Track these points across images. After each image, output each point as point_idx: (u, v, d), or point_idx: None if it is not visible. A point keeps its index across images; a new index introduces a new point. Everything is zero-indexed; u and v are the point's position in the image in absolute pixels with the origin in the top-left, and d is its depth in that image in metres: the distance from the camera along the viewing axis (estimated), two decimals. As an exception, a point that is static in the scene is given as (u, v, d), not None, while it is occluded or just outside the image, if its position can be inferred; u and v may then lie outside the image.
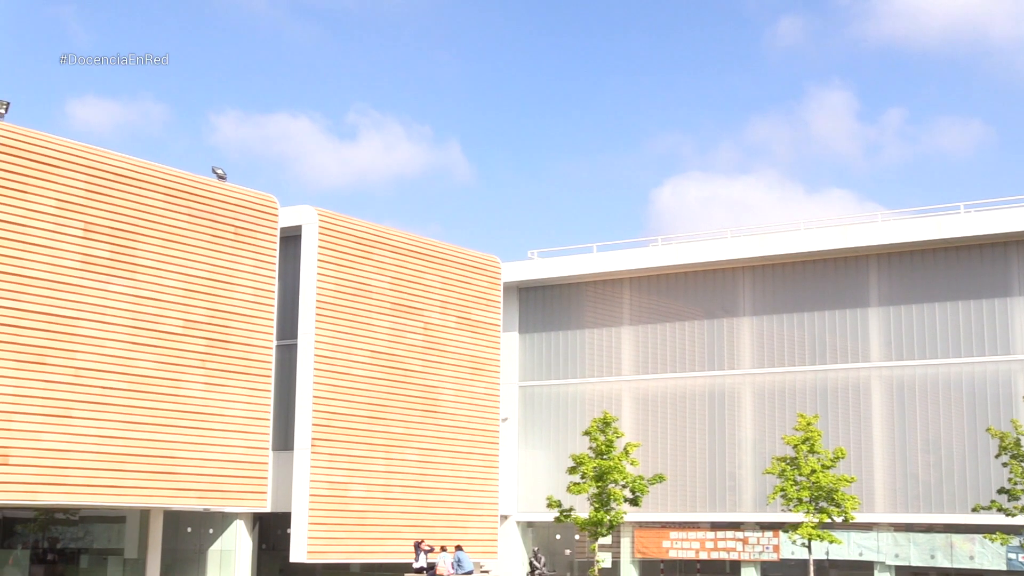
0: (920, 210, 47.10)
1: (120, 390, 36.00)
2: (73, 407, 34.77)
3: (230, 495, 39.03)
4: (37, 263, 34.22)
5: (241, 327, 39.69)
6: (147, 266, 37.09)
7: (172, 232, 37.91)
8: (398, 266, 45.05)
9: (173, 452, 37.25)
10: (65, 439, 34.45)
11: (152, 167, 37.77)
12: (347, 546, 41.91)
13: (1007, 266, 44.22)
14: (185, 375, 37.84)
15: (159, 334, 37.23)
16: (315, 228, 42.19)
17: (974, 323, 44.49)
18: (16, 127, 34.27)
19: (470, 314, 47.79)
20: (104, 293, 35.85)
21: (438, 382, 46.05)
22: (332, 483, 41.52)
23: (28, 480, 33.58)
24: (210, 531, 42.11)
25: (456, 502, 46.06)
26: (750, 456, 47.79)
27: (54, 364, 34.40)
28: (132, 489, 36.18)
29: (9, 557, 39.25)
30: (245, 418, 39.52)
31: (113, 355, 35.91)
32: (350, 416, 42.48)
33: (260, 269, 40.54)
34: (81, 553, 41.27)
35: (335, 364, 42.16)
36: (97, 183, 35.96)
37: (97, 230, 35.83)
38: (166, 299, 37.53)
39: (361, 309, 43.40)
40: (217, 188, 39.63)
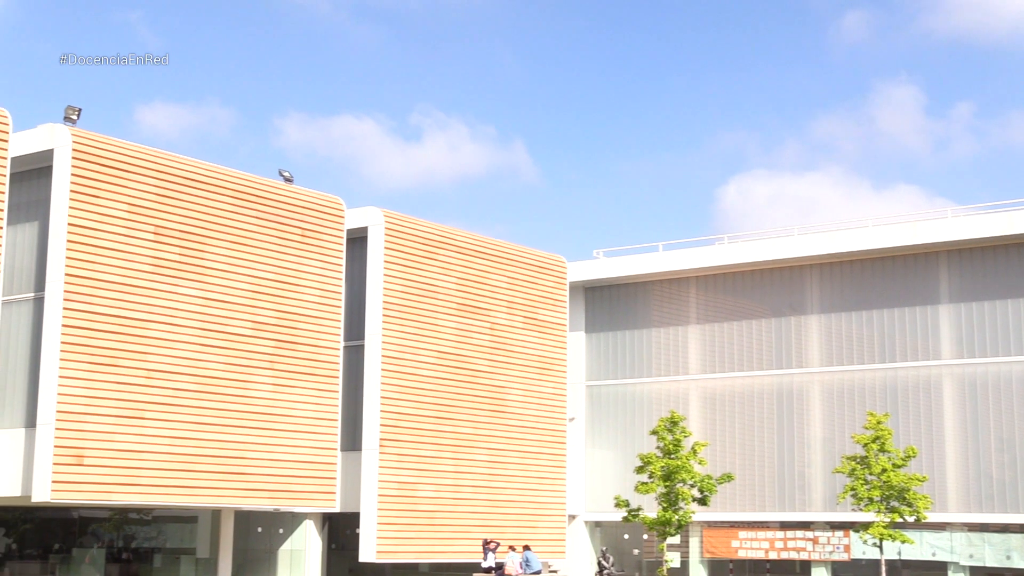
0: (990, 205, 46.44)
1: (191, 391, 36.37)
2: (145, 408, 35.18)
3: (299, 495, 39.31)
4: (109, 266, 34.66)
5: (309, 328, 39.94)
6: (216, 268, 37.45)
7: (240, 235, 38.24)
8: (464, 266, 45.13)
9: (243, 452, 37.57)
10: (138, 440, 34.87)
11: (220, 170, 38.13)
12: (416, 546, 42.04)
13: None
14: (254, 376, 38.15)
15: (228, 336, 37.56)
16: (381, 229, 42.37)
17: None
18: (89, 133, 34.75)
19: (536, 314, 47.78)
20: (174, 296, 36.24)
21: (505, 382, 46.08)
22: (400, 483, 41.68)
23: (102, 480, 34.03)
24: (280, 531, 42.43)
25: (524, 502, 46.06)
26: (819, 455, 47.37)
27: (126, 366, 34.83)
28: (203, 489, 36.53)
29: (86, 555, 39.80)
30: (313, 419, 39.76)
31: (184, 357, 36.29)
32: (418, 416, 42.61)
33: (327, 270, 40.78)
34: (155, 552, 41.75)
35: (402, 365, 42.31)
36: (167, 187, 36.37)
37: (167, 233, 36.24)
38: (235, 301, 37.87)
39: (427, 310, 43.53)
40: (284, 191, 39.93)
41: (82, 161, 34.35)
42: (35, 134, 34.73)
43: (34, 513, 38.98)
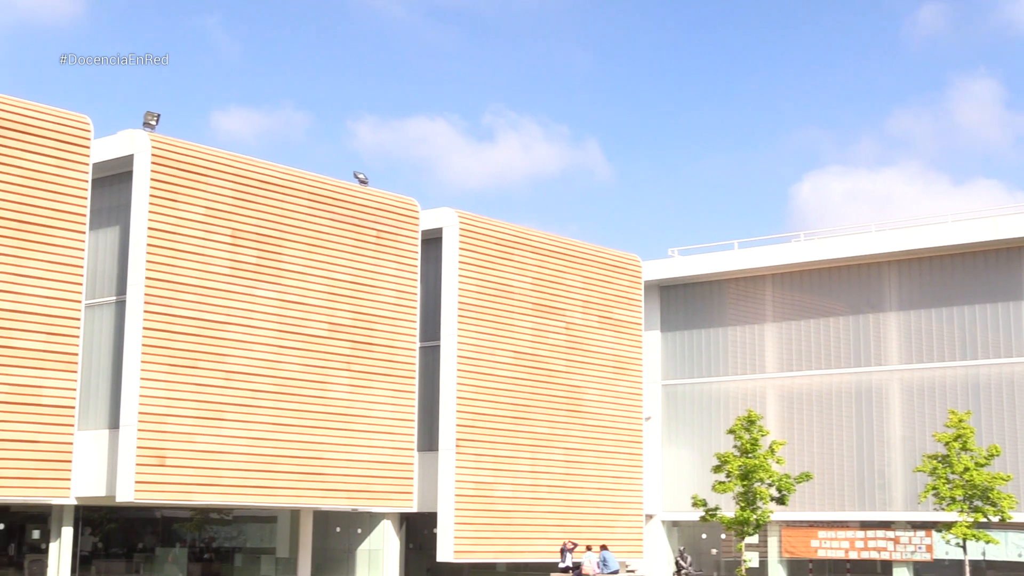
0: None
1: (269, 392, 36.60)
2: (224, 410, 35.45)
3: (377, 495, 39.41)
4: (188, 270, 34.98)
5: (385, 329, 40.03)
6: (293, 271, 37.65)
7: (316, 237, 38.41)
8: (539, 266, 45.02)
9: (321, 453, 37.74)
10: (217, 441, 35.16)
11: (296, 173, 38.34)
12: (493, 546, 41.98)
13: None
14: (331, 377, 38.31)
15: (305, 337, 37.74)
16: (456, 230, 42.37)
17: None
18: (167, 138, 35.10)
19: (612, 313, 47.55)
20: (252, 298, 36.49)
21: (581, 382, 45.89)
22: (477, 483, 41.65)
23: (183, 480, 34.36)
24: (358, 531, 42.58)
25: (601, 501, 45.85)
26: (899, 454, 46.64)
27: (206, 368, 35.13)
28: (282, 490, 36.75)
29: (169, 555, 40.20)
30: (391, 419, 39.85)
31: (261, 358, 36.52)
32: (494, 416, 42.57)
33: (402, 272, 40.86)
34: (235, 552, 42.08)
35: (478, 365, 42.29)
36: (244, 190, 36.63)
37: (244, 236, 36.50)
38: (311, 303, 38.05)
39: (503, 310, 43.47)
40: (359, 193, 40.06)
41: (161, 166, 34.69)
42: (115, 140, 35.15)
43: (119, 513, 39.44)
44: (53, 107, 32.83)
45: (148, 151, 34.41)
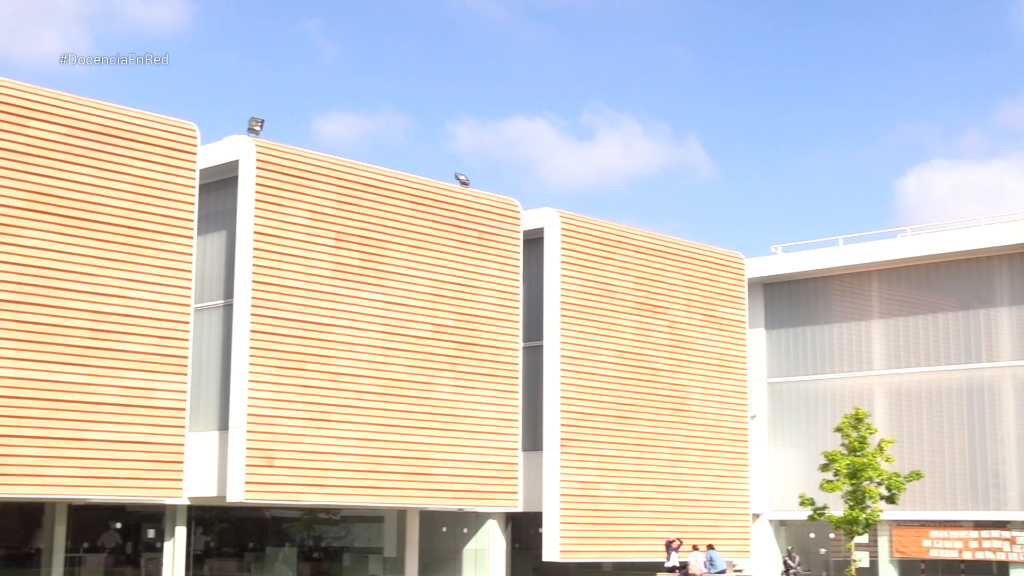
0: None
1: (374, 394, 36.71)
2: (331, 411, 35.63)
3: (483, 495, 39.34)
4: (293, 273, 35.23)
5: (488, 330, 39.96)
6: (396, 272, 37.73)
7: (419, 238, 38.46)
8: (641, 265, 44.63)
9: (427, 453, 37.76)
10: (324, 442, 35.34)
11: (397, 176, 38.43)
12: (599, 545, 41.70)
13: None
14: (435, 378, 38.32)
15: (409, 338, 37.80)
16: (557, 230, 42.16)
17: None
18: (271, 143, 35.39)
19: (715, 311, 46.96)
20: (356, 300, 36.63)
21: (685, 380, 45.40)
22: (582, 483, 41.39)
23: (292, 481, 34.60)
24: (464, 530, 42.56)
25: (707, 501, 45.30)
26: (1014, 452, 45.37)
27: (312, 369, 35.34)
28: (388, 490, 36.83)
29: (279, 554, 40.54)
30: (495, 419, 39.76)
31: (366, 360, 36.64)
32: (598, 416, 42.28)
33: (504, 272, 40.75)
34: (344, 551, 42.31)
35: (581, 364, 42.03)
36: (347, 194, 36.80)
37: (348, 239, 36.66)
38: (415, 304, 38.09)
39: (605, 309, 43.17)
40: (460, 194, 40.04)
41: (265, 171, 34.98)
42: (221, 146, 35.54)
43: (229, 513, 39.85)
44: (161, 115, 33.28)
45: (253, 156, 34.74)
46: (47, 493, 30.45)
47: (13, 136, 30.23)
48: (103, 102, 32.18)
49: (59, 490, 30.48)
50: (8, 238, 29.88)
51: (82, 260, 31.16)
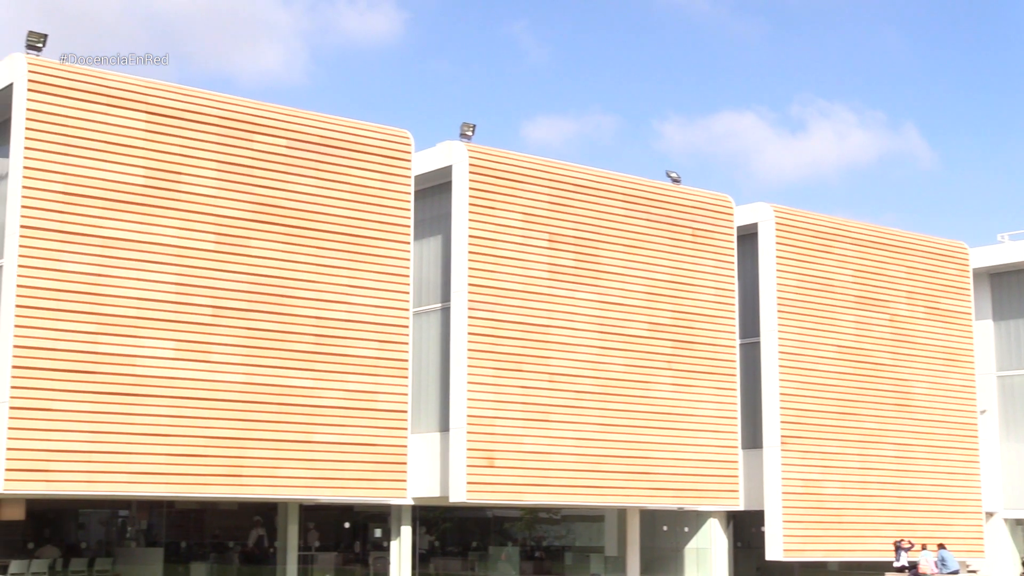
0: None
1: (593, 393, 36.27)
2: (550, 411, 35.33)
3: (703, 493, 38.44)
4: (509, 275, 35.07)
5: (704, 327, 39.07)
6: (611, 272, 37.22)
7: (632, 237, 37.87)
8: (859, 258, 42.97)
9: (646, 452, 37.12)
10: (544, 442, 35.06)
11: (609, 175, 37.91)
12: (823, 544, 40.27)
13: None
14: (653, 377, 37.65)
15: (626, 338, 37.22)
16: (772, 225, 40.94)
17: None
18: (483, 147, 35.32)
19: (938, 303, 44.85)
20: (572, 300, 36.26)
21: (909, 375, 43.47)
22: (804, 480, 40.05)
23: (512, 481, 34.41)
24: (685, 529, 41.73)
25: (935, 498, 43.24)
26: None
27: (530, 370, 35.10)
28: (608, 489, 36.32)
29: (501, 553, 40.57)
30: (714, 417, 38.83)
31: (584, 360, 36.23)
32: (819, 412, 40.85)
33: (719, 269, 39.80)
34: (565, 550, 42.06)
35: (800, 360, 40.70)
36: (559, 195, 36.47)
37: (562, 240, 36.33)
38: (631, 303, 37.50)
39: (824, 304, 41.71)
40: (673, 192, 39.26)
41: (479, 175, 34.92)
42: (434, 152, 35.63)
43: (452, 512, 40.06)
44: (377, 124, 33.56)
45: (466, 161, 34.72)
46: (279, 494, 30.98)
47: (238, 150, 30.88)
48: (321, 114, 32.62)
49: (290, 491, 30.98)
50: (236, 248, 30.53)
51: (305, 268, 31.62)
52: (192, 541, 36.77)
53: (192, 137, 30.18)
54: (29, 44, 28.54)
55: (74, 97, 28.54)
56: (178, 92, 30.26)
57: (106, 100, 28.99)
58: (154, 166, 29.51)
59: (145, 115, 29.50)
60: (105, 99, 28.99)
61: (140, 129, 29.40)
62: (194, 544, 36.63)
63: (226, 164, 30.63)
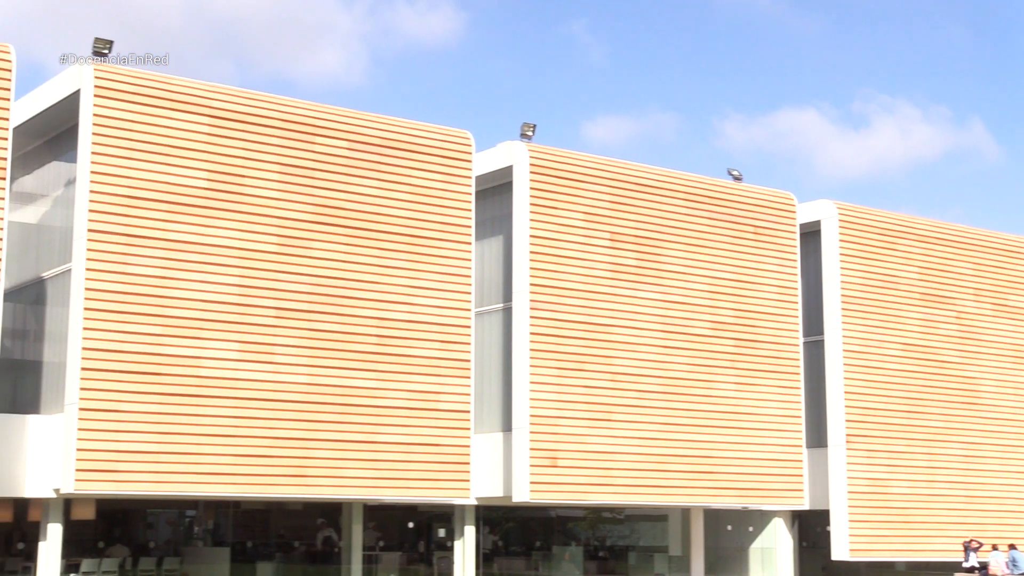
0: None
1: (656, 393, 35.92)
2: (613, 411, 35.04)
3: (767, 493, 37.95)
4: (570, 274, 34.82)
5: (767, 326, 38.58)
6: (673, 271, 36.86)
7: (694, 236, 37.48)
8: (925, 255, 42.21)
9: (710, 452, 36.71)
10: (607, 441, 34.76)
11: (670, 174, 37.54)
12: (890, 544, 39.59)
13: None
14: (716, 376, 37.23)
15: (689, 337, 36.84)
16: (835, 222, 40.33)
17: None
18: (544, 147, 35.09)
19: (1007, 300, 43.95)
20: (634, 300, 35.95)
21: (977, 373, 42.63)
22: (870, 480, 39.40)
23: (575, 481, 34.15)
24: (749, 529, 41.25)
25: (1005, 497, 42.35)
26: None
27: (592, 370, 34.83)
28: (672, 489, 35.95)
29: (565, 553, 40.35)
30: (777, 416, 38.32)
31: (646, 359, 35.89)
32: (885, 411, 40.17)
33: (782, 267, 39.29)
34: (629, 550, 41.74)
35: (865, 359, 40.04)
36: (620, 194, 36.17)
37: (623, 239, 36.02)
38: (693, 302, 37.12)
39: (889, 301, 41.02)
40: (734, 189, 38.81)
41: (539, 175, 34.70)
42: (495, 152, 35.47)
43: (515, 512, 39.88)
44: (437, 125, 33.45)
45: (526, 161, 34.50)
46: (343, 494, 30.94)
47: (300, 153, 30.90)
48: (382, 116, 32.56)
49: (354, 491, 30.94)
50: (299, 250, 30.54)
51: (368, 269, 31.57)
52: (258, 541, 36.89)
53: (254, 140, 30.25)
54: (95, 51, 28.73)
55: (139, 102, 28.69)
56: (240, 95, 30.34)
57: (170, 104, 29.13)
58: (217, 169, 29.61)
59: (208, 119, 29.60)
60: (169, 103, 29.12)
61: (203, 132, 29.51)
62: (260, 544, 36.74)
63: (288, 166, 30.66)
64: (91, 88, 28.11)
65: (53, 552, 28.38)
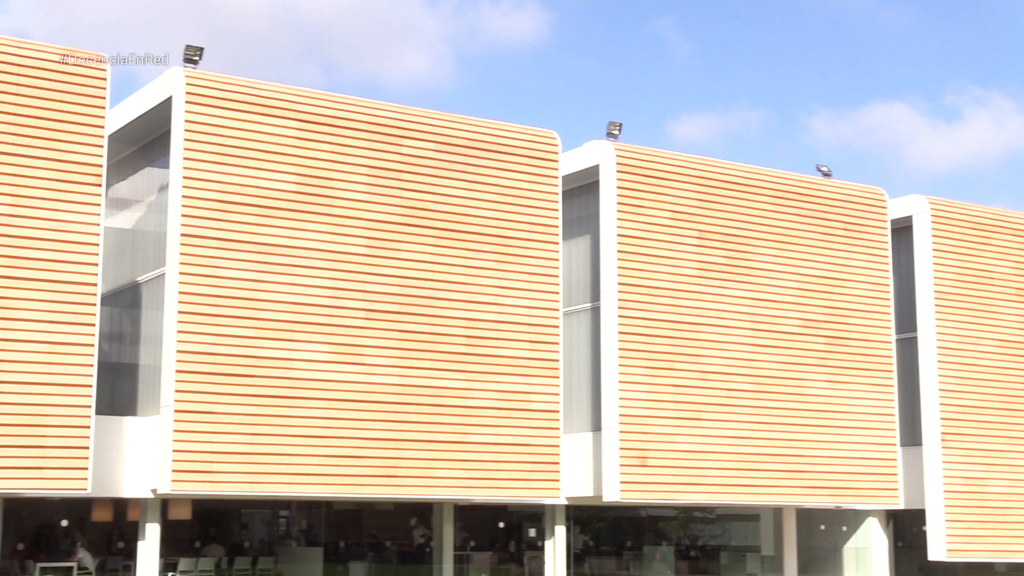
0: None
1: (745, 392, 35.25)
2: (702, 410, 34.44)
3: (860, 492, 37.04)
4: (659, 273, 34.29)
5: (859, 323, 37.67)
6: (762, 268, 36.16)
7: (783, 233, 36.74)
8: (1021, 249, 40.90)
9: (801, 451, 35.92)
10: (697, 441, 34.18)
11: (758, 171, 36.84)
12: (988, 544, 38.40)
13: None
14: (807, 374, 36.43)
15: (779, 335, 36.10)
16: (927, 217, 39.28)
17: None
18: (630, 146, 34.61)
19: (1106, 294, 42.53)
20: (723, 298, 35.32)
21: (1076, 369, 41.32)
22: (967, 479, 38.26)
23: (666, 480, 33.60)
24: (843, 528, 40.33)
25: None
26: None
27: (681, 369, 34.26)
28: (763, 488, 35.24)
29: (656, 553, 39.85)
30: (870, 414, 37.39)
31: (736, 358, 35.23)
32: (981, 408, 38.98)
33: (873, 263, 38.35)
34: (720, 550, 41.08)
35: (960, 355, 38.90)
36: (708, 192, 35.55)
37: (712, 237, 35.41)
38: (783, 300, 36.38)
39: (983, 297, 39.83)
40: (824, 186, 37.97)
41: (626, 173, 34.22)
42: (581, 152, 35.04)
43: (606, 512, 39.45)
44: (523, 125, 33.13)
45: (613, 160, 34.05)
46: (433, 494, 30.72)
47: (387, 155, 30.75)
48: (468, 117, 32.32)
49: (444, 491, 30.71)
50: (387, 252, 30.39)
51: (455, 270, 31.34)
52: (350, 541, 36.87)
53: (342, 143, 30.16)
54: (186, 58, 28.84)
55: (229, 108, 28.75)
56: (328, 99, 30.28)
57: (259, 109, 29.15)
58: (306, 172, 29.57)
59: (296, 122, 29.58)
60: (258, 108, 29.14)
61: (292, 136, 29.49)
62: (352, 544, 36.71)
63: (376, 169, 30.53)
64: (182, 95, 28.21)
65: (152, 551, 28.54)
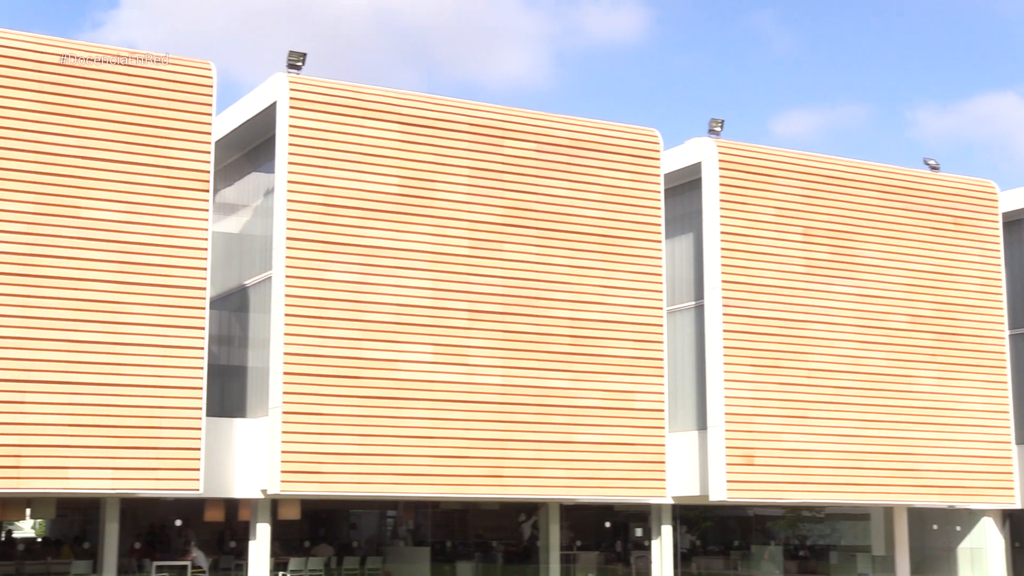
0: None
1: (853, 389, 34.23)
2: (809, 408, 33.51)
3: (974, 491, 35.74)
4: (763, 270, 33.48)
5: (969, 318, 36.38)
6: (868, 264, 35.10)
7: (890, 228, 35.63)
8: None
9: (910, 449, 34.77)
10: (804, 439, 33.26)
11: (864, 166, 35.79)
12: (1109, 544, 36.97)
13: None
14: (916, 371, 35.26)
15: (886, 331, 35.01)
16: (1040, 209, 37.94)
17: None
18: (732, 143, 33.85)
19: None
20: (828, 294, 34.36)
21: None
22: (1086, 477, 36.84)
23: (773, 479, 32.76)
24: (957, 528, 39.02)
25: None
26: None
27: (787, 366, 33.39)
28: (872, 487, 34.18)
29: (764, 552, 39.03)
30: (983, 411, 36.06)
31: (843, 355, 34.24)
32: (1100, 405, 37.55)
33: (984, 257, 37.01)
34: (830, 549, 40.07)
35: (1077, 350, 37.54)
36: (812, 187, 34.63)
37: (816, 233, 34.48)
38: (890, 296, 35.27)
39: (1100, 290, 38.38)
40: (931, 180, 36.77)
41: (729, 170, 33.46)
42: (683, 149, 34.36)
43: (712, 511, 38.71)
44: (625, 124, 32.58)
45: (715, 157, 33.31)
46: (540, 494, 30.29)
47: (489, 156, 30.42)
48: (569, 116, 31.87)
49: (550, 491, 30.26)
50: (491, 252, 30.06)
51: (560, 270, 30.90)
52: (456, 540, 36.65)
53: (444, 145, 29.90)
54: (290, 63, 28.82)
55: (332, 112, 28.65)
56: (429, 102, 30.05)
57: (361, 113, 29.01)
58: (408, 175, 29.36)
59: (398, 125, 29.38)
60: (360, 112, 29.01)
61: (394, 139, 29.30)
62: (458, 543, 36.48)
63: (478, 170, 30.22)
64: (286, 100, 28.18)
65: (262, 551, 28.54)
